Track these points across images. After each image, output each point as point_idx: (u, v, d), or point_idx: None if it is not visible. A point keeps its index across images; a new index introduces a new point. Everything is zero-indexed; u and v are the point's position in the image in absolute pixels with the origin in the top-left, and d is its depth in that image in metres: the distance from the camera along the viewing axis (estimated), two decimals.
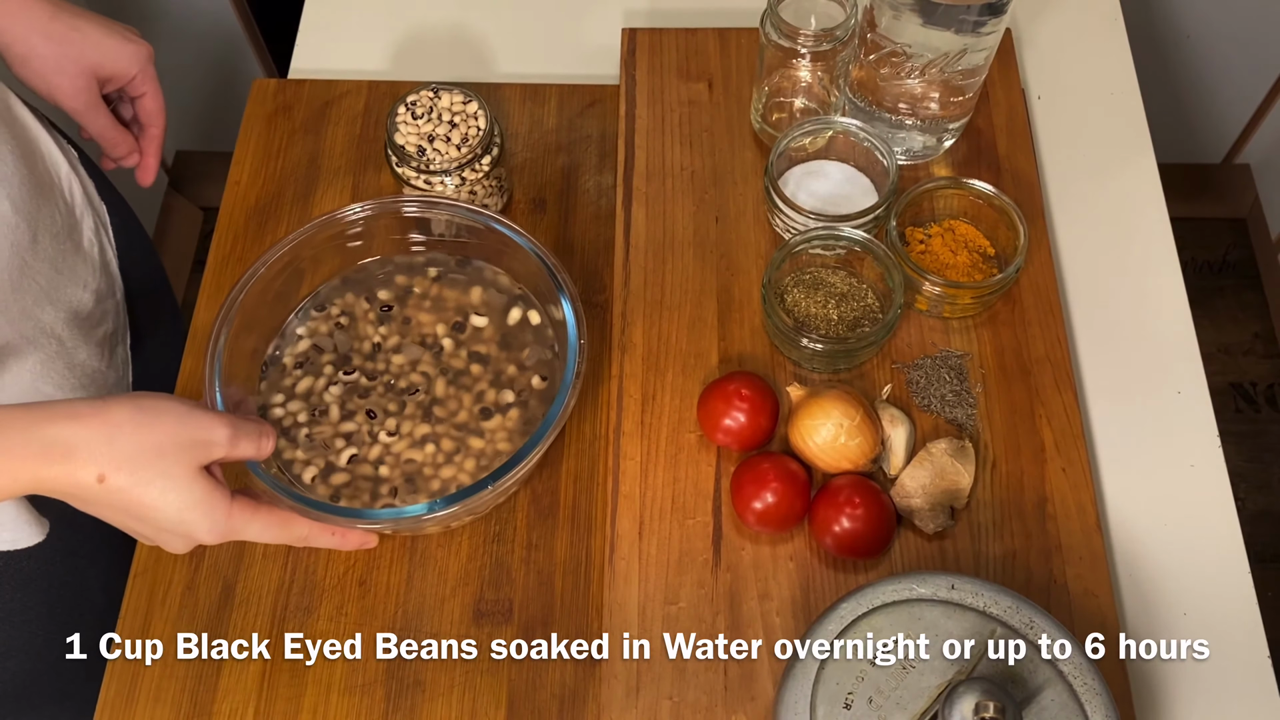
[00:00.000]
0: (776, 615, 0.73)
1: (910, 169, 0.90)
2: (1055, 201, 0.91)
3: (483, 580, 0.76)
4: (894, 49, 0.81)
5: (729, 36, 0.97)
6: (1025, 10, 1.01)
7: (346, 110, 0.96)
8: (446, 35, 1.03)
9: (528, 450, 0.69)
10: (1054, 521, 0.76)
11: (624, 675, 0.72)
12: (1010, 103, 0.93)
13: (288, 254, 0.76)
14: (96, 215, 0.86)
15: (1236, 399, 1.81)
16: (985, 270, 0.83)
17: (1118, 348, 0.85)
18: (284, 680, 0.73)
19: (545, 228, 0.90)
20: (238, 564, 0.77)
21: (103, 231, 0.86)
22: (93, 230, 0.84)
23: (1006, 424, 0.79)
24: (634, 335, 0.83)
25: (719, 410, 0.76)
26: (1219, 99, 1.73)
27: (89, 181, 0.87)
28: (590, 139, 0.94)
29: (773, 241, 0.87)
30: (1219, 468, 0.80)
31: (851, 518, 0.72)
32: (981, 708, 0.55)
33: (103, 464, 0.55)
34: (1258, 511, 1.71)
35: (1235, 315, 1.88)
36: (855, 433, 0.74)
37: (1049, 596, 0.73)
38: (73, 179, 0.83)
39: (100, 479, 0.55)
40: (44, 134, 0.82)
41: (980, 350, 0.82)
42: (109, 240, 0.87)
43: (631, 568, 0.75)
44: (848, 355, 0.79)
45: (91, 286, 0.81)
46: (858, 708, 0.60)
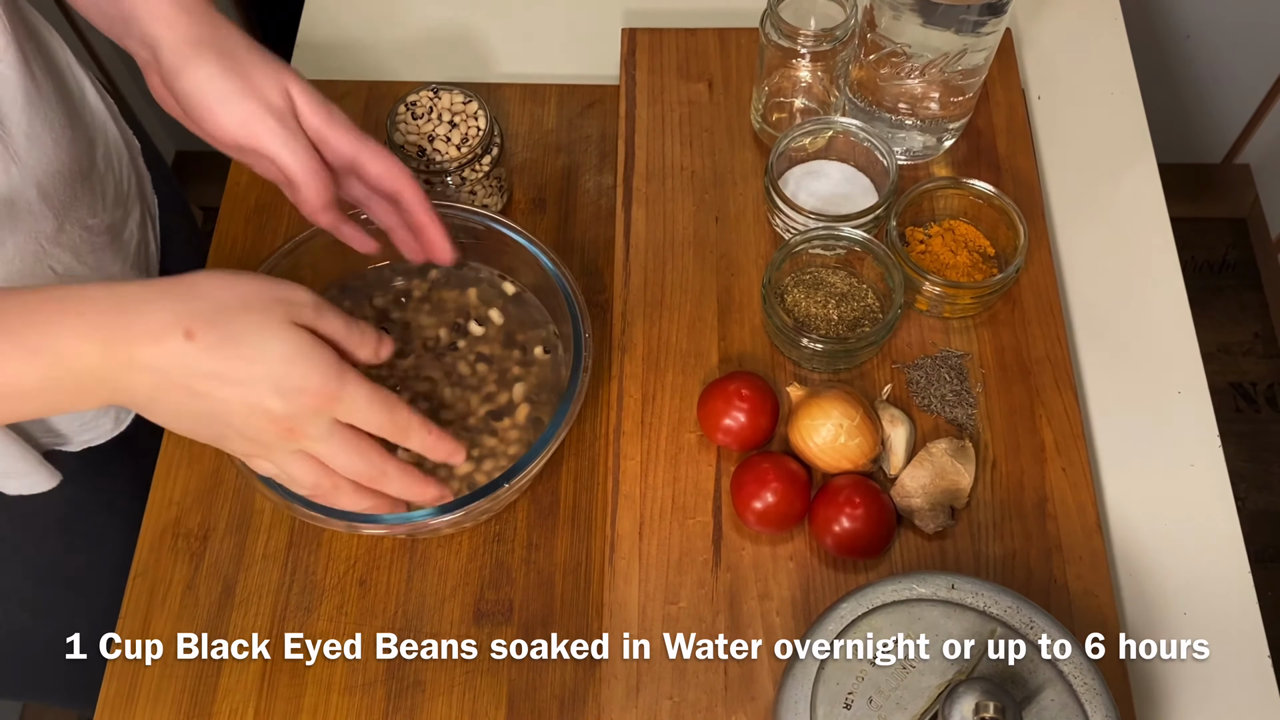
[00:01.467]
0: (776, 615, 0.73)
1: (910, 169, 0.90)
2: (1055, 201, 0.91)
3: (483, 580, 0.76)
4: (894, 49, 0.81)
5: (729, 36, 0.97)
6: (1025, 10, 1.01)
7: (346, 110, 0.94)
8: (446, 35, 1.03)
9: (536, 452, 0.69)
10: (1054, 521, 0.76)
11: (624, 675, 0.72)
12: (1010, 103, 0.93)
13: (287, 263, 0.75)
14: (146, 208, 0.82)
15: (1236, 399, 1.81)
16: (985, 270, 0.83)
17: (1118, 348, 0.85)
18: (284, 680, 0.74)
19: (545, 228, 0.90)
20: (238, 564, 0.77)
21: (149, 225, 0.83)
22: (137, 223, 0.80)
23: (1006, 424, 0.79)
24: (634, 335, 0.83)
25: (719, 410, 0.76)
26: (1219, 99, 1.73)
27: (146, 175, 0.84)
28: (590, 139, 0.94)
29: (773, 241, 0.87)
30: (1219, 468, 0.80)
31: (851, 518, 0.72)
32: (981, 708, 0.55)
33: (187, 317, 0.51)
34: (1258, 511, 1.71)
35: (1235, 315, 1.88)
36: (855, 433, 0.74)
37: (1049, 596, 0.73)
38: (130, 170, 0.80)
39: (188, 334, 0.51)
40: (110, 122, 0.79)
41: (980, 350, 0.82)
42: (154, 234, 0.85)
43: (631, 568, 0.75)
44: (848, 355, 0.79)
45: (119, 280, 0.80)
46: (858, 708, 0.60)
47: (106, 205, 0.77)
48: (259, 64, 0.61)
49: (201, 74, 0.60)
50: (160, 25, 0.60)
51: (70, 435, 0.81)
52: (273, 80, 0.62)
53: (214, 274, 0.54)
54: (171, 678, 0.74)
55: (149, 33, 0.61)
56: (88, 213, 0.74)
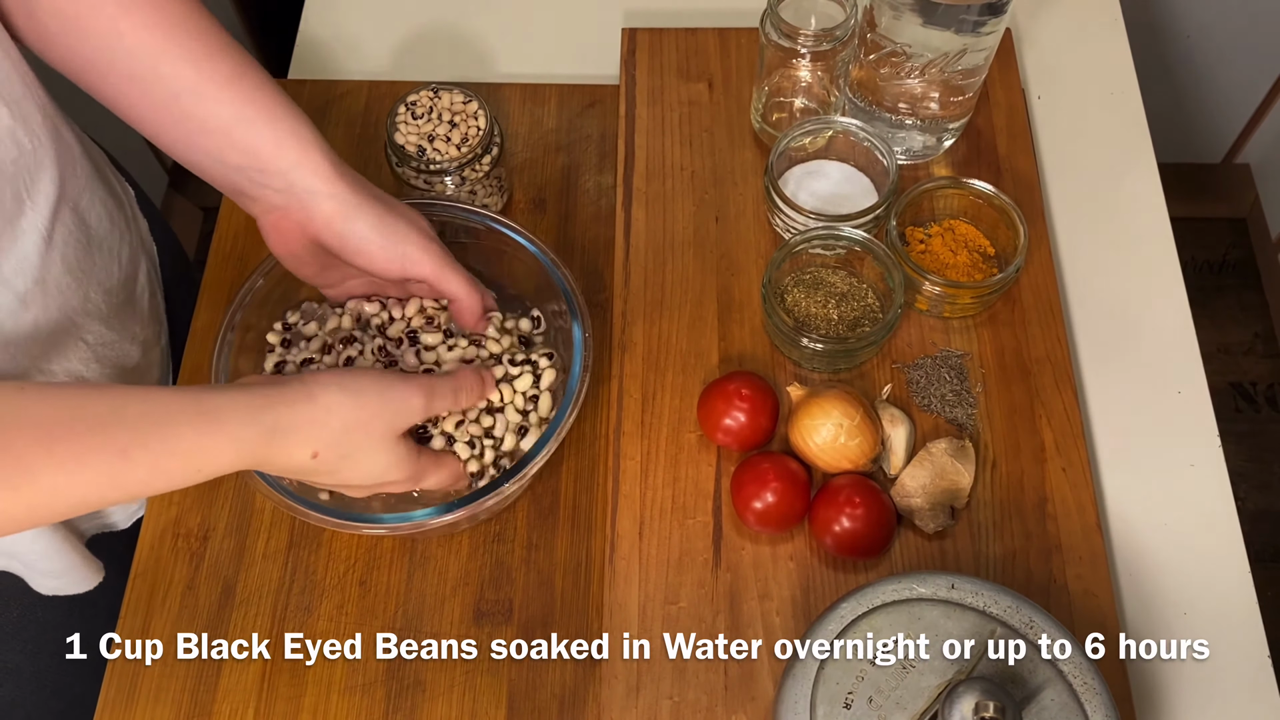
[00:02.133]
0: (776, 615, 0.73)
1: (910, 169, 0.90)
2: (1055, 201, 0.91)
3: (483, 580, 0.76)
4: (894, 49, 0.81)
5: (729, 36, 0.97)
6: (1025, 10, 1.01)
7: (346, 110, 0.96)
8: (446, 35, 1.03)
9: (536, 451, 0.69)
10: (1054, 521, 0.76)
11: (624, 675, 0.72)
12: (1010, 103, 0.93)
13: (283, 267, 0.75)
14: (149, 258, 0.84)
15: (1236, 399, 1.81)
16: (985, 270, 0.83)
17: (1118, 347, 0.85)
18: (284, 680, 0.73)
19: (545, 228, 0.90)
20: (238, 564, 0.77)
21: (154, 274, 0.84)
22: (146, 275, 0.82)
23: (1006, 424, 0.79)
24: (634, 335, 0.83)
25: (719, 410, 0.76)
26: (1219, 99, 1.73)
27: (143, 222, 0.84)
28: (590, 139, 0.94)
29: (773, 241, 0.87)
30: (1219, 468, 0.80)
31: (851, 518, 0.72)
32: (981, 708, 0.55)
33: (316, 443, 0.60)
34: (1258, 511, 1.71)
35: (1235, 315, 1.88)
36: (855, 433, 0.74)
37: (1049, 596, 0.73)
38: (132, 224, 0.80)
39: (314, 455, 0.61)
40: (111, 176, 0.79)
41: (980, 350, 0.82)
42: (159, 282, 0.85)
43: (631, 568, 0.75)
44: (848, 355, 0.79)
45: (140, 338, 0.79)
46: (858, 708, 0.60)
47: (121, 264, 0.76)
48: (403, 208, 0.71)
49: (365, 223, 0.68)
50: (317, 180, 0.67)
51: (118, 513, 0.80)
52: (417, 218, 0.71)
53: (341, 389, 0.62)
54: (171, 678, 0.74)
55: (307, 186, 0.67)
56: (105, 275, 0.74)
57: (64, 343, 0.70)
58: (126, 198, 0.82)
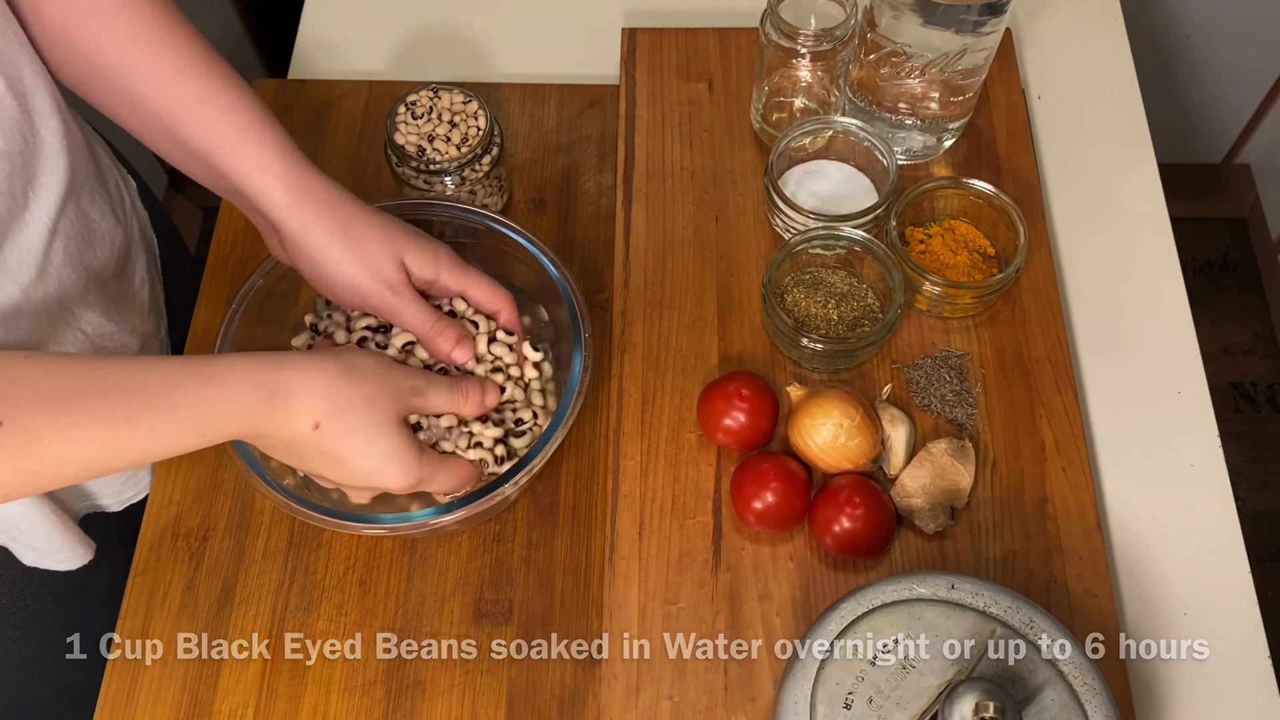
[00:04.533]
0: (776, 615, 0.73)
1: (910, 169, 0.90)
2: (1055, 201, 0.91)
3: (483, 580, 0.76)
4: (894, 49, 0.81)
5: (729, 36, 0.97)
6: (1025, 10, 1.01)
7: (346, 110, 0.96)
8: (446, 35, 1.03)
9: (536, 451, 0.69)
10: (1054, 521, 0.76)
11: (624, 675, 0.72)
12: (1010, 103, 0.93)
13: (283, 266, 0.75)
14: (149, 251, 0.84)
15: (1236, 399, 1.81)
16: (985, 270, 0.83)
17: (1118, 347, 0.85)
18: (284, 680, 0.74)
19: (545, 228, 0.90)
20: (238, 564, 0.77)
21: (154, 267, 0.84)
22: (145, 267, 0.82)
23: (1006, 424, 0.79)
24: (634, 335, 0.83)
25: (719, 410, 0.76)
26: (1219, 99, 1.73)
27: (144, 215, 0.85)
28: (590, 139, 0.94)
29: (773, 241, 0.87)
30: (1219, 468, 0.80)
31: (851, 518, 0.72)
32: (981, 708, 0.55)
33: (317, 413, 0.60)
34: (1258, 511, 1.71)
35: (1235, 315, 1.88)
36: (855, 433, 0.74)
37: (1049, 596, 0.73)
38: (132, 217, 0.81)
39: (316, 426, 0.60)
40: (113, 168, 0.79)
41: (980, 350, 0.82)
42: (159, 275, 0.85)
43: (631, 568, 0.75)
44: (848, 355, 0.79)
45: (139, 330, 0.79)
46: (858, 708, 0.60)
47: (119, 256, 0.77)
48: (374, 237, 0.68)
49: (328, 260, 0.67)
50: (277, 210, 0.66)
51: (108, 495, 0.80)
52: (385, 253, 0.68)
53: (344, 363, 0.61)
54: (171, 678, 0.74)
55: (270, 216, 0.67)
56: (102, 267, 0.74)
57: (61, 333, 0.70)
58: (128, 190, 0.82)
